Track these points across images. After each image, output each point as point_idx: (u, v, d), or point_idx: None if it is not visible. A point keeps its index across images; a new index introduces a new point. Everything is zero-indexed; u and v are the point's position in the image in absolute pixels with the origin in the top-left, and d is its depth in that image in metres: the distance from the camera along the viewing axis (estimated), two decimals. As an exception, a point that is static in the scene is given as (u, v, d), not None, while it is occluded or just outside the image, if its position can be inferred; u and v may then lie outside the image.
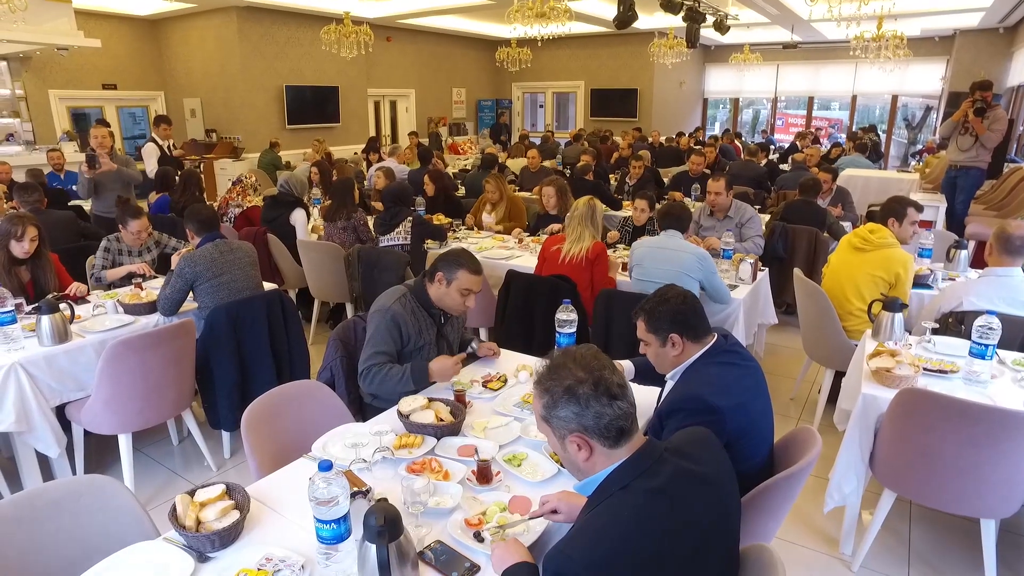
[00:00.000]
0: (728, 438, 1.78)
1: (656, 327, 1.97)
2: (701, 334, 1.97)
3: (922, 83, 14.01)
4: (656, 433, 1.91)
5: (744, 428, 1.83)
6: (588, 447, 1.31)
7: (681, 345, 1.95)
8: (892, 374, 2.38)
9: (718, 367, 1.92)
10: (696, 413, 1.78)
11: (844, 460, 2.48)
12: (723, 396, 1.80)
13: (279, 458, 2.03)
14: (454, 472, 1.88)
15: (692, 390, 1.85)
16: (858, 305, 3.43)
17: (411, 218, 4.42)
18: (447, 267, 2.41)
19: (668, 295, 2.00)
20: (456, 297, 2.41)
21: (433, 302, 2.49)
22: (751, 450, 1.85)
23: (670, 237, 3.57)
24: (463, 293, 2.41)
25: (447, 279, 2.41)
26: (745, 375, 1.94)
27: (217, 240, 3.32)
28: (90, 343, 3.00)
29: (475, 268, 2.42)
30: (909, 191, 7.22)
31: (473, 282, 2.41)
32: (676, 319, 1.94)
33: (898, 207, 3.44)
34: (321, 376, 2.66)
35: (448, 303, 2.45)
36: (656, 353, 2.02)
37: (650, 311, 2.00)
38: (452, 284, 2.41)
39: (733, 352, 1.98)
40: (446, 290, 2.42)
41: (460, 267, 2.39)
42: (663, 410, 1.90)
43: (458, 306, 2.44)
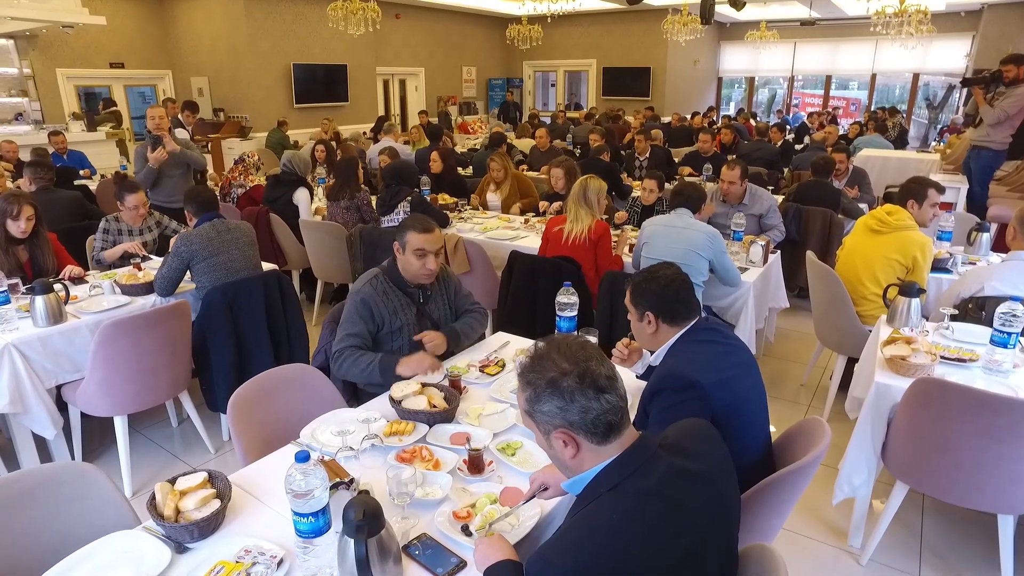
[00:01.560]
0: (715, 415, 1.71)
1: (636, 300, 1.99)
2: (679, 319, 1.94)
3: (945, 60, 13.60)
4: (642, 420, 1.84)
5: (732, 406, 1.76)
6: (575, 444, 1.22)
7: (655, 324, 1.94)
8: (907, 362, 2.27)
9: (698, 344, 1.90)
10: (679, 390, 1.75)
11: (855, 451, 2.38)
12: (704, 371, 1.75)
13: (267, 444, 1.97)
14: (445, 461, 1.81)
15: (673, 366, 1.82)
16: (873, 289, 3.31)
17: (410, 197, 4.32)
18: (399, 235, 2.38)
19: (658, 273, 1.98)
20: (413, 261, 2.36)
21: (406, 279, 2.44)
22: (743, 433, 1.77)
23: (680, 216, 3.46)
24: (418, 255, 2.35)
25: (401, 245, 2.38)
26: (729, 353, 1.90)
27: (215, 220, 3.26)
28: (85, 324, 2.96)
29: (424, 227, 2.35)
30: (929, 172, 7.01)
31: (424, 240, 2.33)
32: (654, 299, 1.94)
33: (918, 188, 3.30)
34: (316, 360, 2.60)
35: (411, 271, 2.40)
36: (635, 325, 2.03)
37: (636, 284, 2.00)
38: (406, 248, 2.36)
39: (713, 330, 1.95)
40: (404, 257, 2.38)
41: (408, 229, 2.35)
42: (647, 392, 1.86)
43: (419, 270, 2.38)
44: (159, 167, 4.76)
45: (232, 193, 5.30)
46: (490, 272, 4.03)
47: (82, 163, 7.41)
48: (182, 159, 4.88)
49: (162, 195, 4.92)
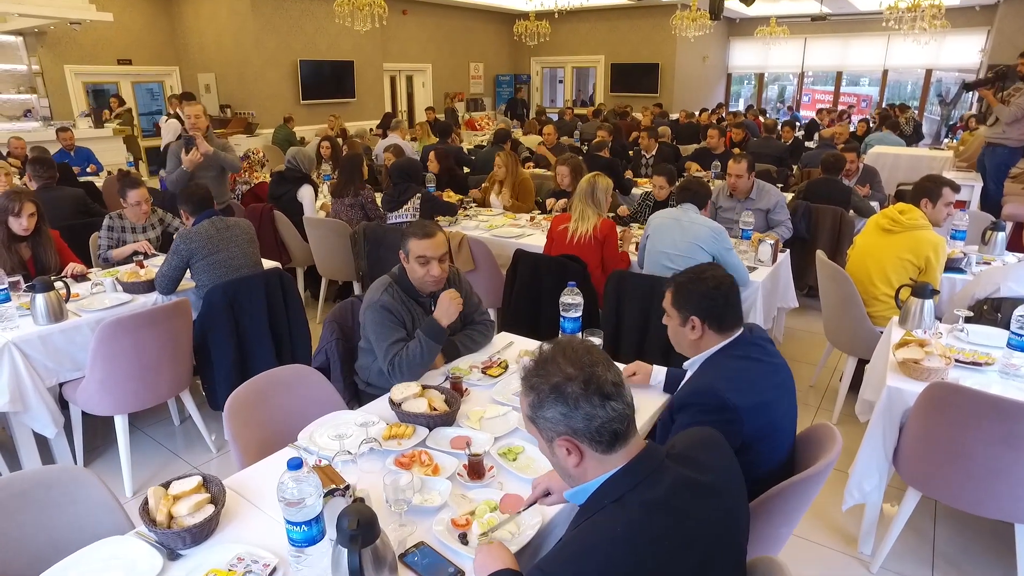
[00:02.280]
0: (744, 440, 1.63)
1: (680, 303, 1.81)
2: (727, 326, 1.78)
3: (959, 56, 13.42)
4: (666, 426, 1.78)
5: (763, 431, 1.67)
6: (578, 452, 1.18)
7: (700, 331, 1.78)
8: (921, 366, 2.21)
9: (739, 361, 1.75)
10: (710, 410, 1.64)
11: (866, 456, 2.32)
12: (742, 393, 1.64)
13: (265, 447, 1.94)
14: (444, 466, 1.77)
15: (708, 383, 1.69)
16: (884, 290, 3.24)
17: (420, 194, 4.28)
18: (402, 242, 2.33)
19: (705, 274, 1.81)
20: (418, 269, 2.31)
21: (416, 287, 2.38)
22: (768, 454, 1.70)
23: (686, 211, 3.41)
24: (420, 263, 2.30)
25: (404, 253, 2.33)
26: (770, 372, 1.77)
27: (214, 217, 3.23)
28: (86, 322, 2.93)
29: (424, 233, 2.29)
30: (942, 169, 6.90)
31: (425, 247, 2.28)
32: (703, 303, 1.77)
33: (932, 186, 3.22)
34: (316, 360, 2.56)
35: (417, 279, 2.35)
36: (675, 330, 1.86)
37: (680, 285, 1.83)
38: (410, 256, 2.31)
39: (758, 346, 1.79)
40: (410, 266, 2.33)
41: (409, 236, 2.30)
42: (676, 401, 1.77)
43: (423, 278, 2.32)
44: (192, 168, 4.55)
45: (237, 190, 5.27)
46: (495, 270, 3.99)
47: (89, 159, 7.42)
48: (216, 161, 4.63)
49: None
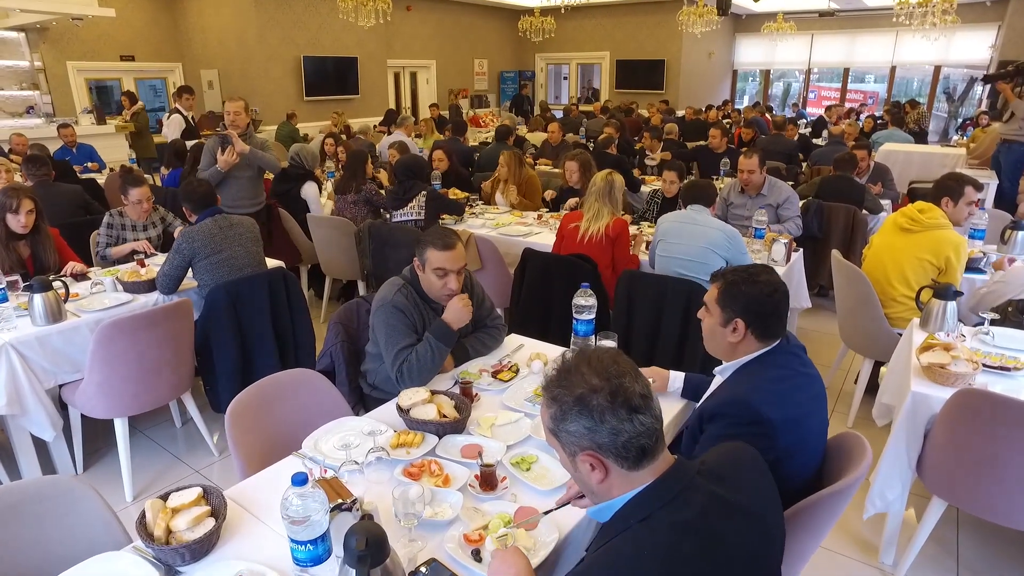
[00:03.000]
0: (777, 455, 1.54)
1: (727, 301, 1.69)
2: (770, 334, 1.68)
3: (968, 52, 13.27)
4: (694, 435, 1.69)
5: (795, 446, 1.59)
6: (603, 468, 1.11)
7: (742, 334, 1.67)
8: (947, 371, 2.13)
9: (776, 371, 1.65)
10: (743, 423, 1.55)
11: (888, 464, 2.25)
12: (777, 407, 1.55)
13: (268, 455, 1.87)
14: (455, 476, 1.69)
15: (742, 394, 1.59)
16: (903, 291, 3.16)
17: (425, 192, 4.20)
18: (419, 250, 2.23)
19: (760, 277, 1.68)
20: (434, 280, 2.21)
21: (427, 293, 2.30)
22: (797, 469, 1.62)
23: (697, 212, 3.33)
24: (438, 274, 2.20)
25: (421, 262, 2.23)
26: (805, 385, 1.68)
27: (216, 215, 3.16)
28: (85, 322, 2.87)
29: (445, 244, 2.19)
30: (955, 167, 6.80)
31: (444, 259, 2.18)
32: (752, 306, 1.65)
33: (954, 184, 3.13)
34: (321, 362, 2.49)
35: (432, 289, 2.25)
36: (712, 329, 1.74)
37: (730, 283, 1.70)
38: (427, 267, 2.21)
39: (794, 356, 1.69)
40: (425, 276, 2.23)
41: (428, 246, 2.19)
42: (706, 411, 1.67)
43: (440, 290, 2.23)
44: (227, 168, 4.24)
45: (239, 187, 5.19)
46: (502, 269, 3.91)
47: (91, 156, 7.35)
48: (254, 161, 4.33)
49: (227, 197, 4.32)
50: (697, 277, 3.12)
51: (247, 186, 4.44)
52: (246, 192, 4.45)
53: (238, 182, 4.38)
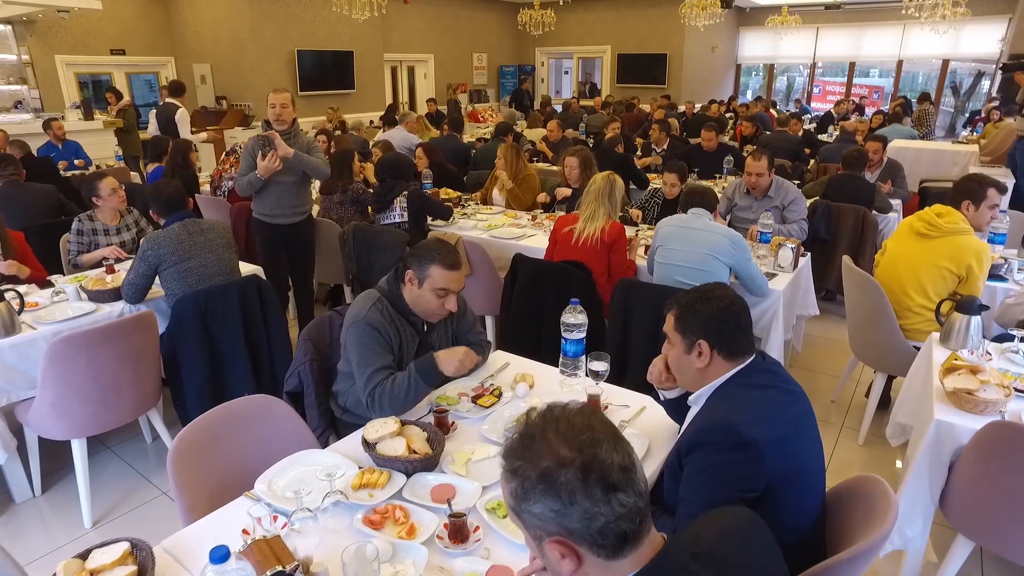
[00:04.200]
0: (769, 481, 1.38)
1: (686, 327, 1.59)
2: (738, 351, 1.56)
3: (977, 45, 12.97)
4: (674, 473, 1.50)
5: (787, 473, 1.42)
6: (575, 557, 0.91)
7: (708, 356, 1.56)
8: (976, 398, 1.93)
9: (754, 390, 1.52)
10: (727, 449, 1.39)
11: (909, 498, 2.04)
12: (761, 426, 1.41)
13: (218, 495, 1.67)
14: (422, 525, 1.50)
15: (721, 418, 1.45)
16: (919, 301, 2.95)
17: (406, 192, 3.99)
18: (418, 263, 2.00)
19: (714, 294, 1.60)
20: (431, 299, 2.00)
21: (409, 307, 2.08)
22: (794, 504, 1.43)
23: (698, 216, 3.12)
24: (438, 294, 1.99)
25: (418, 278, 1.99)
26: (789, 403, 1.53)
27: (185, 220, 2.96)
28: (42, 335, 2.68)
29: (451, 262, 1.99)
30: (967, 164, 6.57)
31: (449, 279, 1.98)
32: (712, 324, 1.56)
33: (976, 187, 2.91)
34: (288, 382, 2.29)
35: (424, 307, 2.03)
36: (678, 358, 1.62)
37: (685, 306, 1.60)
38: (425, 284, 1.99)
39: (772, 373, 1.57)
40: (419, 291, 2.01)
41: (432, 262, 1.97)
42: (684, 443, 1.50)
43: (436, 310, 2.03)
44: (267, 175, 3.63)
45: (223, 186, 5.00)
46: (492, 275, 3.70)
47: (77, 153, 7.16)
48: (298, 165, 3.70)
49: (266, 205, 3.79)
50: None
51: (290, 193, 3.81)
52: (289, 199, 3.81)
53: (279, 188, 3.75)
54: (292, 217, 3.88)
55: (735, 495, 1.34)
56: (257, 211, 3.87)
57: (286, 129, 3.69)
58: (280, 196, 3.78)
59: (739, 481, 1.35)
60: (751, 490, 1.35)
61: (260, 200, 3.81)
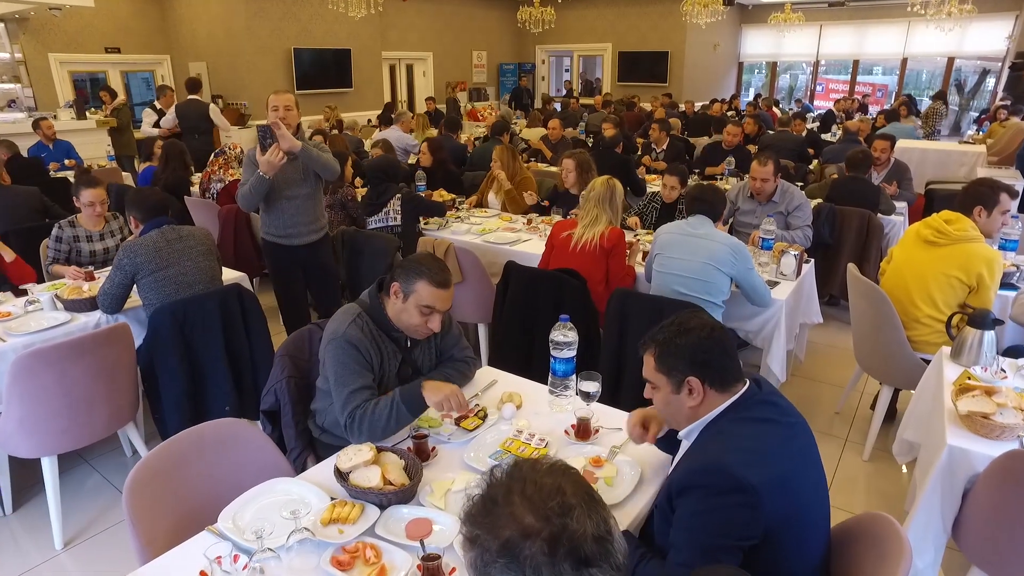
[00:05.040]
0: (767, 526, 1.26)
1: (669, 366, 1.45)
2: (730, 380, 1.43)
3: (983, 43, 12.82)
4: (665, 515, 1.39)
5: (787, 515, 1.30)
6: None
7: (701, 393, 1.43)
8: (991, 422, 1.81)
9: (750, 425, 1.40)
10: (721, 492, 1.27)
11: (920, 527, 1.93)
12: (758, 467, 1.28)
13: (181, 528, 1.56)
14: (394, 567, 1.38)
15: (714, 458, 1.33)
16: (927, 312, 2.83)
17: (400, 195, 3.87)
18: (404, 276, 1.88)
19: (690, 324, 1.46)
20: (415, 316, 1.88)
21: (391, 323, 1.97)
22: (795, 548, 1.32)
23: (699, 223, 2.99)
24: (423, 312, 1.88)
25: (404, 292, 1.88)
26: (788, 438, 1.40)
27: (164, 227, 2.84)
28: (12, 347, 2.58)
29: (440, 279, 1.87)
30: (974, 165, 6.44)
31: (436, 298, 1.87)
32: (697, 357, 1.42)
33: (988, 192, 2.78)
34: (265, 400, 2.18)
35: (406, 322, 1.92)
36: (666, 401, 1.48)
37: (663, 343, 1.46)
38: (410, 299, 1.87)
39: (770, 404, 1.44)
40: (403, 306, 1.89)
41: (420, 277, 1.85)
42: (674, 484, 1.37)
43: (419, 327, 1.91)
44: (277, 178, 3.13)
45: (212, 188, 4.89)
46: (485, 282, 3.59)
47: (68, 153, 7.05)
48: (307, 161, 3.18)
49: (278, 224, 3.30)
50: (698, 296, 2.80)
51: (305, 207, 3.31)
52: (304, 215, 3.32)
53: (291, 203, 3.25)
54: (308, 236, 3.39)
55: (731, 543, 1.23)
56: (267, 231, 3.36)
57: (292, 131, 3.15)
58: (294, 212, 3.29)
59: (735, 528, 1.24)
60: (748, 537, 1.24)
61: (270, 217, 3.31)
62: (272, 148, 3.02)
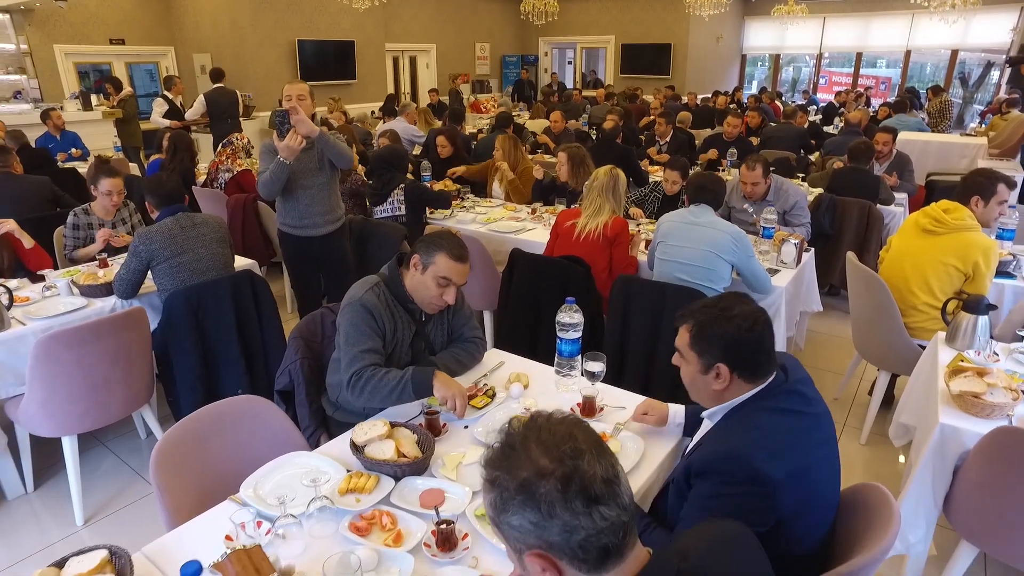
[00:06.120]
0: (781, 516, 1.30)
1: (703, 347, 1.44)
2: (760, 373, 1.43)
3: (987, 35, 12.78)
4: (680, 491, 1.44)
5: (802, 505, 1.34)
6: (556, 571, 0.88)
7: (727, 380, 1.43)
8: (982, 401, 1.88)
9: (775, 416, 1.40)
10: (737, 482, 1.31)
11: (912, 503, 2.00)
12: (779, 461, 1.31)
13: (203, 499, 1.63)
14: (409, 532, 1.46)
15: (736, 448, 1.35)
16: (924, 299, 2.89)
17: (403, 184, 3.93)
18: (425, 249, 1.99)
19: (734, 311, 1.43)
20: (432, 287, 1.98)
21: (410, 295, 2.05)
22: (804, 532, 1.37)
23: (701, 212, 3.05)
24: (440, 283, 1.97)
25: (424, 263, 1.99)
26: (811, 428, 1.42)
27: (178, 214, 2.91)
28: (32, 331, 2.65)
29: (458, 254, 1.98)
30: (975, 157, 6.47)
31: (454, 271, 1.96)
32: (732, 346, 1.41)
33: (986, 182, 2.84)
34: (279, 381, 2.25)
35: (423, 294, 2.02)
36: (692, 377, 1.49)
37: (702, 324, 1.44)
38: (428, 270, 1.97)
39: (796, 394, 1.44)
40: (421, 277, 1.99)
41: (440, 249, 1.96)
42: (694, 464, 1.40)
43: (433, 298, 2.00)
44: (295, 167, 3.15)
45: (219, 179, 4.95)
46: (490, 270, 3.65)
47: (75, 143, 7.12)
48: (324, 148, 3.18)
49: (293, 215, 3.32)
50: (699, 283, 2.86)
51: (321, 197, 3.31)
52: (319, 204, 3.32)
53: (306, 193, 3.26)
54: (324, 227, 3.39)
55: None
56: (283, 221, 3.38)
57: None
58: (309, 202, 3.28)
59: (746, 516, 1.25)
60: (758, 524, 1.27)
61: (286, 208, 3.32)
62: (290, 133, 3.02)
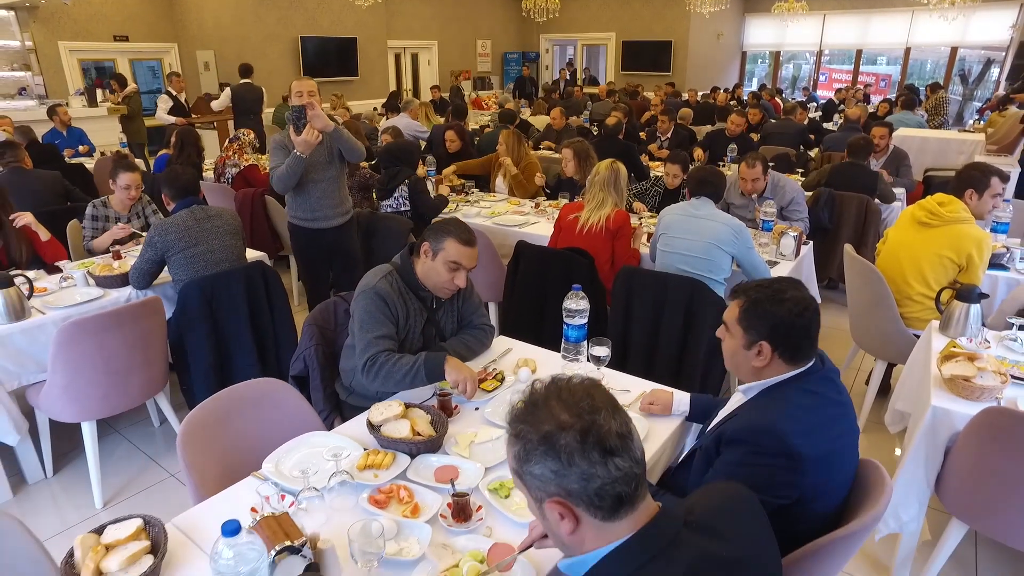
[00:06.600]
0: (802, 493, 1.37)
1: (751, 323, 1.50)
2: (800, 357, 1.49)
3: (987, 33, 12.83)
4: (708, 458, 1.51)
5: (822, 487, 1.41)
6: (573, 517, 0.96)
7: (768, 358, 1.48)
8: (972, 384, 1.95)
9: (811, 397, 1.46)
10: (768, 454, 1.37)
11: (904, 482, 2.08)
12: (809, 440, 1.36)
13: (226, 476, 1.71)
14: (426, 505, 1.53)
15: (770, 421, 1.40)
16: (920, 290, 2.96)
17: (408, 180, 3.99)
18: (434, 236, 2.07)
19: (787, 294, 1.48)
20: (443, 272, 2.05)
21: (422, 283, 2.13)
22: (818, 510, 1.43)
23: (702, 205, 3.13)
24: (450, 267, 2.04)
25: (433, 250, 2.06)
26: (840, 416, 1.48)
27: (193, 206, 2.98)
28: (51, 320, 2.72)
29: (466, 238, 2.06)
30: (973, 153, 6.54)
31: (463, 254, 2.04)
32: (780, 329, 1.47)
33: (980, 176, 2.91)
34: (294, 367, 2.33)
35: (434, 280, 2.09)
36: (733, 351, 1.55)
37: (754, 302, 1.50)
38: (438, 256, 2.05)
39: (829, 381, 1.49)
40: (432, 263, 2.07)
41: (448, 235, 2.04)
42: (725, 433, 1.47)
43: (445, 283, 2.08)
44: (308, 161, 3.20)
45: (227, 173, 5.02)
46: (496, 262, 3.73)
47: (81, 140, 7.18)
48: (337, 142, 3.26)
49: (303, 208, 3.40)
50: (700, 274, 2.94)
51: (331, 190, 3.40)
52: (330, 197, 3.40)
53: (317, 186, 3.34)
54: (334, 219, 3.46)
55: (763, 497, 1.26)
56: (293, 214, 3.45)
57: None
58: (320, 195, 3.36)
59: (772, 488, 1.32)
60: (781, 497, 1.33)
61: (296, 201, 3.39)
62: (307, 128, 3.10)
